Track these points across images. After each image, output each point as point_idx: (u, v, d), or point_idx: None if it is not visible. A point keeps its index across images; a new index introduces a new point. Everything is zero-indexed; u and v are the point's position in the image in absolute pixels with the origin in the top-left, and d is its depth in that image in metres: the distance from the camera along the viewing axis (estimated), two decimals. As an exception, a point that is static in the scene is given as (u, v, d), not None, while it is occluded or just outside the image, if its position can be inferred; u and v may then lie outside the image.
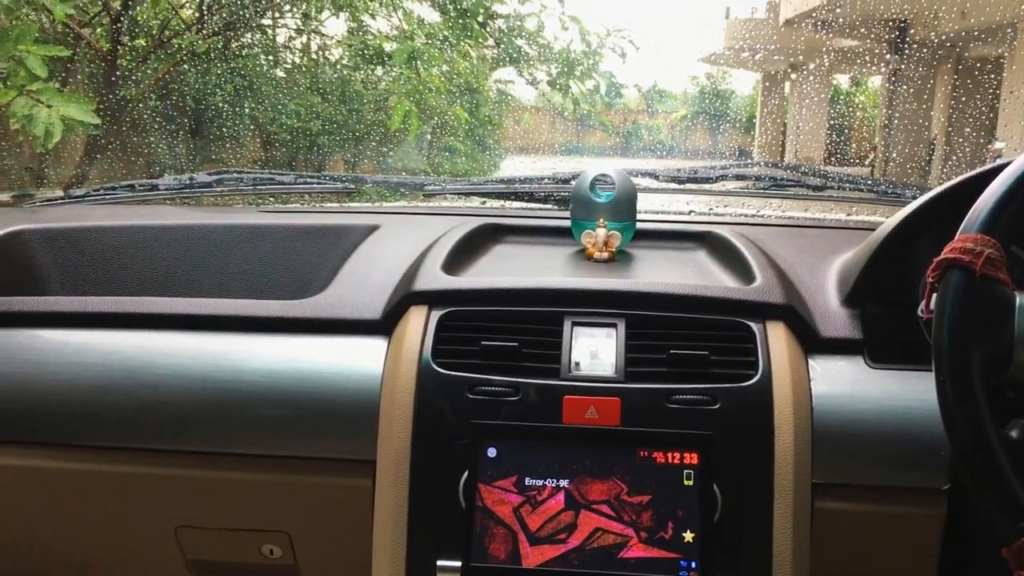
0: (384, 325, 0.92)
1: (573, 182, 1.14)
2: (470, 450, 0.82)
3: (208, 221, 1.17)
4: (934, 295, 0.67)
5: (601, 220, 1.08)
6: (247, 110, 4.73)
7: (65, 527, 0.94)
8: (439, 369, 0.85)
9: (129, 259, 1.11)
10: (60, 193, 1.27)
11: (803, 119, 11.47)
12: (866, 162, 12.71)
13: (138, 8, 4.21)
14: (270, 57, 5.06)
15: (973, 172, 0.82)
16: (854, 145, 14.47)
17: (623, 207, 1.09)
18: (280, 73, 5.18)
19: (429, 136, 5.35)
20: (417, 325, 0.89)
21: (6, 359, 0.91)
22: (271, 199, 1.32)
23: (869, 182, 1.29)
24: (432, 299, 0.91)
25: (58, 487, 0.91)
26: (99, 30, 4.05)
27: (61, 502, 0.93)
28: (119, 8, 3.86)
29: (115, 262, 1.11)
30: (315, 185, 1.34)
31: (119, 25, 3.95)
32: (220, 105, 4.56)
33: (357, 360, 0.89)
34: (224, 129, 4.64)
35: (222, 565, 0.96)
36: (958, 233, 0.68)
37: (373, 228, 1.13)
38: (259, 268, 1.12)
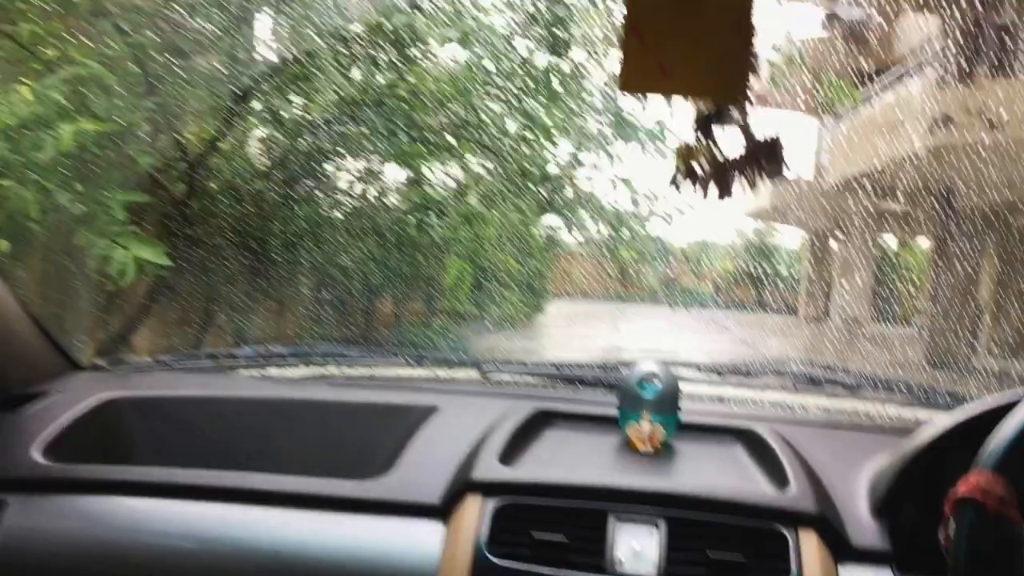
0: (442, 510, 0.99)
1: (621, 371, 1.22)
2: None
3: (281, 395, 1.28)
4: (951, 525, 0.74)
5: (646, 414, 1.15)
6: (306, 252, 4.95)
7: None
8: (493, 558, 0.92)
9: (210, 430, 1.21)
10: (149, 359, 1.39)
11: (849, 278, 11.56)
12: (913, 324, 12.67)
13: (212, 158, 4.51)
14: (331, 199, 5.31)
15: (1002, 398, 0.89)
16: (901, 306, 14.46)
17: (667, 403, 1.17)
18: (339, 215, 5.43)
19: (479, 284, 5.52)
20: (474, 513, 0.96)
21: (94, 524, 1.00)
22: (339, 369, 1.42)
23: (902, 384, 1.35)
24: (489, 489, 0.98)
25: None
26: (174, 174, 4.34)
27: None
28: (197, 156, 4.14)
29: (197, 432, 1.21)
30: (379, 360, 1.45)
31: (196, 173, 4.23)
32: (285, 246, 4.79)
33: (416, 543, 0.96)
34: (286, 267, 4.85)
35: None
36: (974, 467, 0.75)
37: (432, 409, 1.22)
38: (325, 443, 1.21)
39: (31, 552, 0.98)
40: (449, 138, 4.41)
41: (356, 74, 4.22)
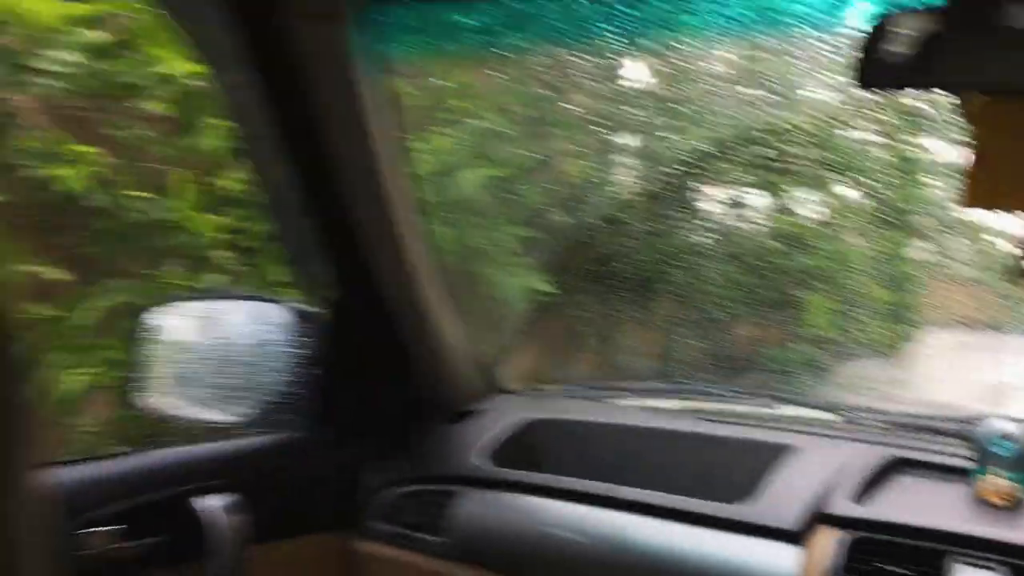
0: (798, 537, 1.17)
1: (977, 424, 1.30)
2: None
3: (658, 425, 1.53)
4: None
5: (1001, 471, 1.23)
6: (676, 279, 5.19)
7: None
8: None
9: (601, 450, 1.50)
10: (555, 387, 1.74)
11: None
12: None
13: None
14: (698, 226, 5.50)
15: None
16: None
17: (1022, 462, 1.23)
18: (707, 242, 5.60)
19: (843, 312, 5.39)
20: (828, 542, 1.13)
21: (521, 516, 1.32)
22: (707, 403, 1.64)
23: None
24: (842, 523, 1.15)
25: None
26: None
27: None
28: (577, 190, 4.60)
29: (590, 451, 1.51)
30: (744, 397, 1.65)
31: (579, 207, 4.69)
32: (653, 274, 5.08)
33: (773, 563, 1.15)
34: (655, 293, 5.14)
35: None
36: None
37: (789, 447, 1.39)
38: (692, 470, 1.43)
39: (473, 534, 1.33)
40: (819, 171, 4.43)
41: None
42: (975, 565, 1.05)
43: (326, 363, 1.38)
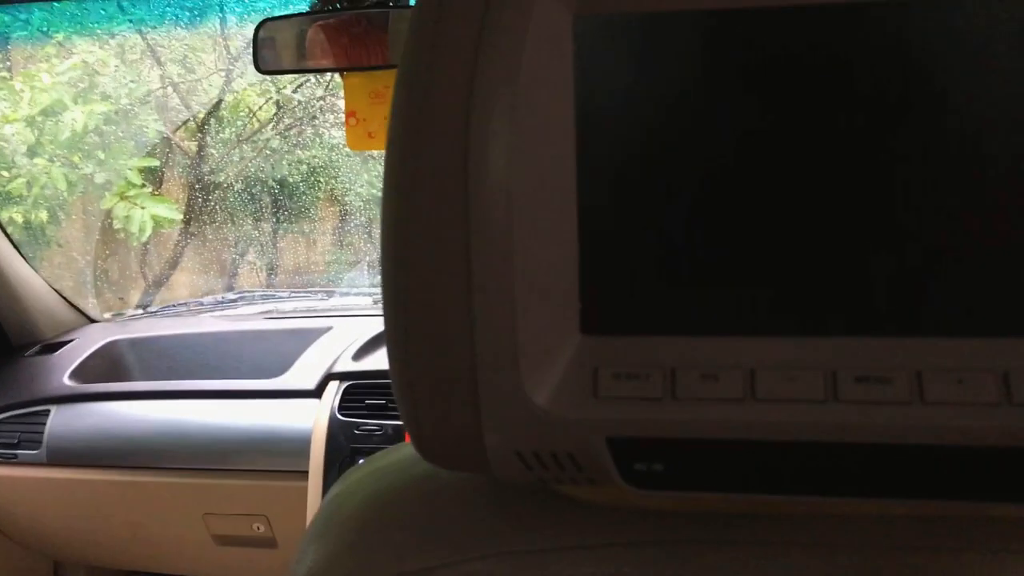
0: (315, 393, 1.59)
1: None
2: (352, 461, 1.47)
3: (230, 328, 1.88)
4: None
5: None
6: (324, 186, 5.46)
7: (129, 522, 1.63)
8: (340, 417, 1.51)
9: (181, 355, 1.82)
10: (140, 311, 2.01)
11: None
12: None
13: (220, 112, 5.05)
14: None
15: None
16: None
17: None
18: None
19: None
20: (332, 391, 1.55)
21: (104, 420, 1.62)
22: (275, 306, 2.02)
23: None
24: (343, 377, 1.58)
25: (130, 494, 1.60)
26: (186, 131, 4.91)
27: (131, 504, 1.61)
28: (203, 118, 4.70)
29: (173, 357, 1.82)
30: (300, 297, 2.04)
31: (203, 131, 4.80)
32: (297, 186, 5.31)
33: (300, 414, 1.56)
34: (302, 206, 5.39)
35: (231, 538, 1.63)
36: None
37: (329, 328, 1.81)
38: (254, 359, 1.80)
39: (64, 441, 1.61)
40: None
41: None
42: None
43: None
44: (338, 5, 1.22)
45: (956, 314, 0.35)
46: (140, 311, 2.02)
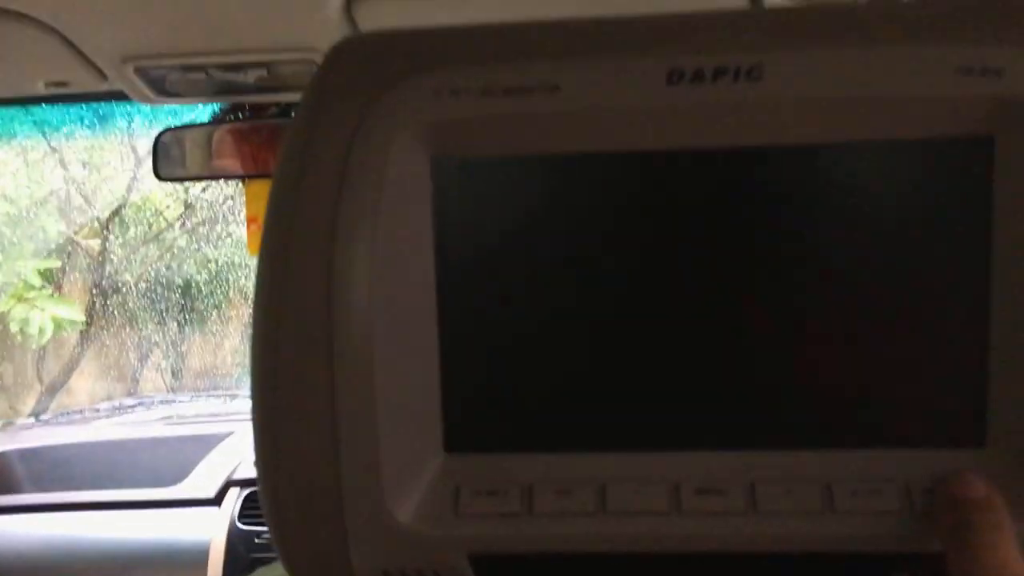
0: (217, 500, 1.54)
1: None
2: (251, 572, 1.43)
3: (127, 435, 1.82)
4: None
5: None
6: (232, 286, 5.38)
7: None
8: (240, 525, 1.47)
9: (74, 465, 1.75)
10: (32, 420, 1.94)
11: None
12: None
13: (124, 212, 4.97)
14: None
15: None
16: None
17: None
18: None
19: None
20: (232, 498, 1.52)
21: None
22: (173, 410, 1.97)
23: None
24: (242, 484, 1.54)
25: None
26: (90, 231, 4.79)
27: None
28: (107, 217, 4.62)
29: (66, 467, 1.75)
30: (203, 400, 2.00)
31: (107, 231, 4.70)
32: (204, 286, 5.21)
33: (199, 523, 1.51)
34: (208, 307, 5.29)
35: None
36: None
37: (229, 434, 1.77)
38: (153, 465, 1.75)
39: None
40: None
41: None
42: None
43: None
44: (240, 115, 1.25)
45: (784, 429, 0.38)
46: (32, 419, 1.94)
